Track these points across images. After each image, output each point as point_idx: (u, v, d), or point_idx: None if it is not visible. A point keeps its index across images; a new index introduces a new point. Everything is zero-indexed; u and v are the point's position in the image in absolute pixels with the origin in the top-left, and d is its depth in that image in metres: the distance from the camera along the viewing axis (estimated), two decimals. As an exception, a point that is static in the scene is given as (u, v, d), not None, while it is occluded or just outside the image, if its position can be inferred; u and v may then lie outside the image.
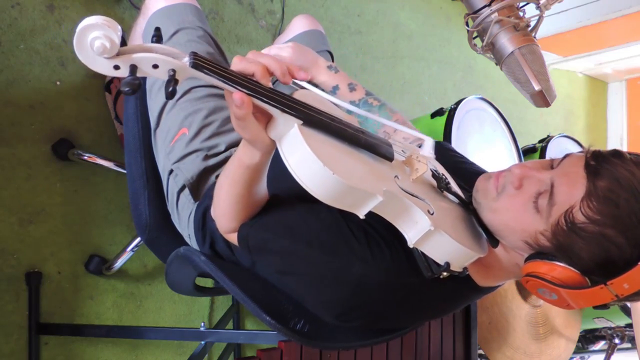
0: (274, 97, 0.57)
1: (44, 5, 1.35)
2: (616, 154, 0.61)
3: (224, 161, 0.94)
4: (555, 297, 0.64)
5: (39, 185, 1.31)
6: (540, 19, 0.94)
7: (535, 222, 0.64)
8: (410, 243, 0.63)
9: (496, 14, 0.91)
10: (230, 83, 0.55)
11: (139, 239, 1.33)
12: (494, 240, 0.70)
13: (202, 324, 1.55)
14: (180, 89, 0.96)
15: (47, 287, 1.31)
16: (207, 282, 1.28)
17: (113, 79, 1.40)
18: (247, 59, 0.58)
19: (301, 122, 0.58)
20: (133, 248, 1.34)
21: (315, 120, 0.59)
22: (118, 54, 0.49)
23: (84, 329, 1.34)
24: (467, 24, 0.99)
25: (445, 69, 2.63)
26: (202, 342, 1.32)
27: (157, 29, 0.55)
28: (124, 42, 0.50)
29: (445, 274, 0.65)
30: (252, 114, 0.57)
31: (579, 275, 0.62)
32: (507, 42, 0.92)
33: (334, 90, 0.95)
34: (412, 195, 0.63)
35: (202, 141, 0.93)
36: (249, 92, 0.55)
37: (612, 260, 0.59)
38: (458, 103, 1.65)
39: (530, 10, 0.96)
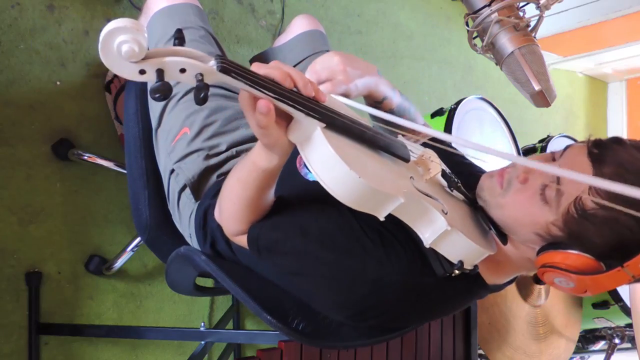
0: (299, 100, 0.56)
1: (44, 5, 1.35)
2: (616, 140, 0.63)
3: (225, 161, 0.93)
4: (573, 285, 0.64)
5: (39, 185, 1.31)
6: (540, 19, 0.94)
7: (545, 213, 0.65)
8: (427, 243, 0.63)
9: (496, 14, 0.91)
10: (257, 87, 0.53)
11: (139, 239, 1.33)
12: (503, 237, 0.71)
13: (202, 324, 1.55)
14: (181, 89, 0.96)
15: (47, 287, 1.31)
16: (207, 282, 1.28)
17: (113, 78, 1.40)
18: (269, 65, 0.57)
19: (324, 125, 0.57)
20: (133, 248, 1.34)
21: (337, 123, 0.59)
22: (145, 58, 0.47)
23: (84, 329, 1.34)
24: (467, 24, 0.99)
25: (445, 69, 2.63)
26: (202, 342, 1.32)
27: (179, 31, 0.52)
28: None
29: (457, 272, 0.66)
30: None
31: (594, 260, 0.62)
32: (507, 42, 0.92)
33: (381, 101, 0.85)
34: (428, 195, 0.63)
35: (203, 141, 0.93)
36: (275, 96, 0.54)
37: (626, 243, 0.60)
38: (458, 103, 1.65)
39: (530, 10, 0.96)
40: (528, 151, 2.05)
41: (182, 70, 0.49)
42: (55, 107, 1.35)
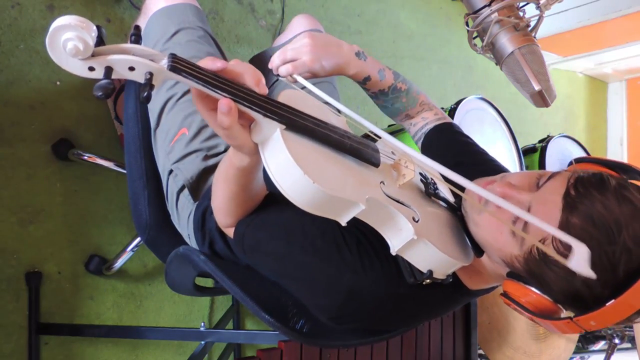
0: (256, 101, 0.54)
1: (44, 5, 1.35)
2: (600, 183, 0.57)
3: (224, 161, 0.94)
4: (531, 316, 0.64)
5: (39, 185, 1.31)
6: (540, 19, 0.94)
7: (511, 245, 0.63)
8: (393, 250, 0.62)
9: (496, 14, 0.92)
10: (212, 88, 0.51)
11: (139, 239, 1.33)
12: (478, 250, 0.70)
13: (202, 324, 1.55)
14: (180, 89, 0.96)
15: (47, 287, 1.31)
16: (207, 282, 1.28)
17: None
18: (219, 61, 0.55)
19: (284, 126, 0.55)
20: (133, 248, 1.34)
21: (298, 124, 0.57)
22: (93, 55, 0.47)
23: (84, 329, 1.34)
24: (467, 24, 0.99)
25: (445, 69, 2.63)
26: (202, 342, 1.33)
27: (137, 27, 0.52)
28: (102, 42, 0.48)
29: (428, 281, 0.65)
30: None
31: (552, 303, 0.61)
32: (507, 42, 0.92)
33: (364, 82, 0.92)
34: (398, 201, 0.62)
35: (201, 141, 0.93)
36: (232, 97, 0.52)
37: (582, 297, 0.58)
38: (458, 103, 1.65)
39: (530, 10, 0.96)
40: (528, 151, 2.05)
41: (131, 69, 0.49)
42: (55, 107, 1.35)
